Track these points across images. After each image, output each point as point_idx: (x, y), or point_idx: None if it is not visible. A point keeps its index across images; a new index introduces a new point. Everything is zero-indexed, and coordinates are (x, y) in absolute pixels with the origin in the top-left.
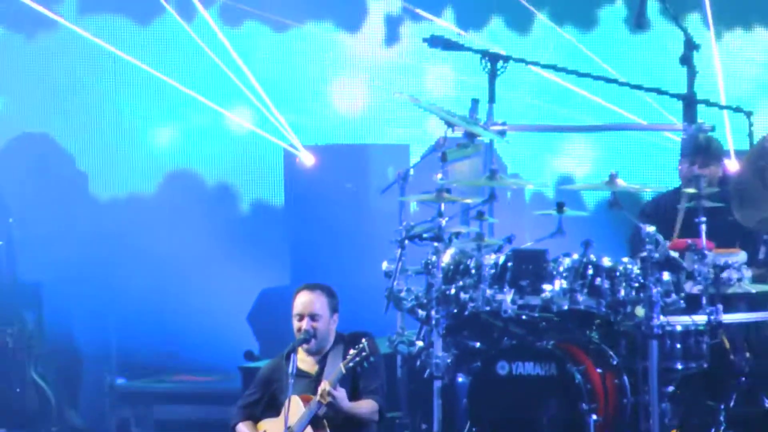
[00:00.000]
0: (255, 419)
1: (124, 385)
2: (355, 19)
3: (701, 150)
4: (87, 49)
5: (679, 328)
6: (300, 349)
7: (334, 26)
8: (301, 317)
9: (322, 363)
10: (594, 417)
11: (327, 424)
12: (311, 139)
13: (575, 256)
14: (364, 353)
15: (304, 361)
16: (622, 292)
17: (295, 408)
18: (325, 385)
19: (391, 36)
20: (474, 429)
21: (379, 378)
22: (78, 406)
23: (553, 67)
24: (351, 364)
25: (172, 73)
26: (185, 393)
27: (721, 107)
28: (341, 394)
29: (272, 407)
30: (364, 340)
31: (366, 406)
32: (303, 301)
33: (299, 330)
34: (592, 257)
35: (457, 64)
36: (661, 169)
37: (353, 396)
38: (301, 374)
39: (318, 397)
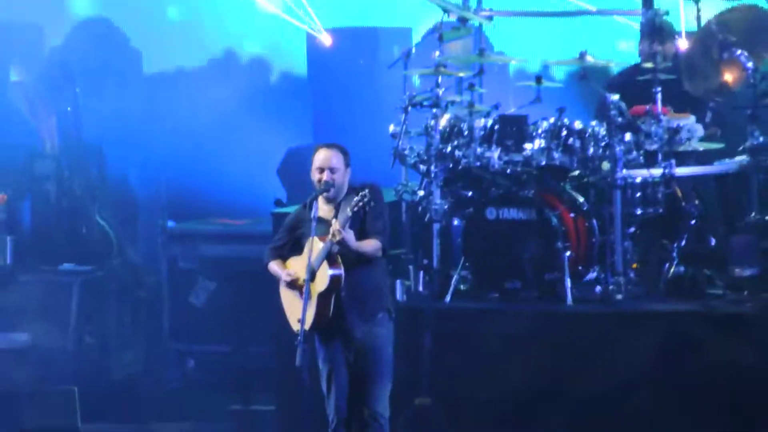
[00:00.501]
0: (283, 258)
1: (173, 227)
2: None
3: (657, 30)
4: None
5: (638, 179)
6: (320, 199)
7: None
8: (321, 170)
9: (337, 210)
10: (568, 253)
11: (340, 259)
12: (329, 22)
13: (551, 120)
14: (366, 199)
15: (323, 209)
16: (591, 150)
17: (316, 247)
18: (335, 225)
19: None
20: (467, 263)
21: (383, 220)
22: (135, 245)
23: None
24: (355, 209)
25: None
26: (225, 233)
27: None
28: (349, 234)
29: (297, 248)
30: (366, 189)
31: (371, 245)
32: (322, 156)
33: (319, 181)
34: (566, 121)
35: None
36: (622, 47)
37: (361, 236)
38: (320, 220)
39: (330, 237)
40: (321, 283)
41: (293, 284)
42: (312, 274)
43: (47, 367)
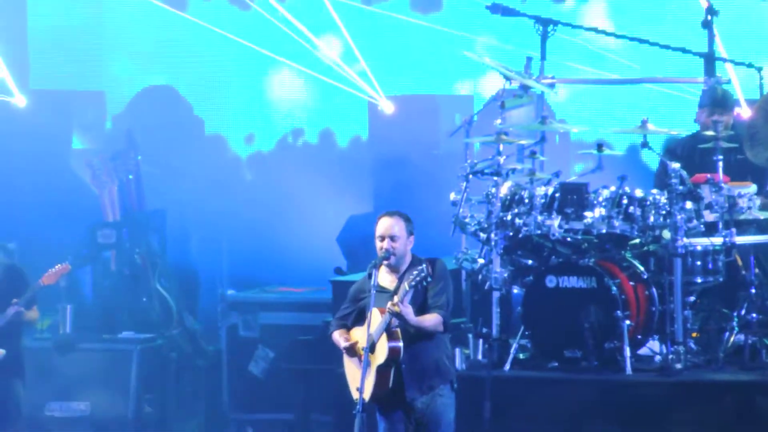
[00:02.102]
0: (347, 328)
1: (233, 295)
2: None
3: (718, 101)
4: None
5: (699, 248)
6: (382, 268)
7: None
8: (382, 238)
9: (399, 281)
10: (627, 322)
11: (400, 333)
12: (391, 90)
13: (612, 188)
14: (423, 274)
15: (385, 278)
16: (652, 219)
17: (376, 318)
18: (393, 300)
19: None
20: (527, 332)
21: (446, 294)
22: (195, 313)
23: (594, 30)
24: (413, 283)
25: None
26: (285, 302)
27: (736, 63)
28: (407, 309)
29: (360, 318)
30: (425, 263)
31: (431, 320)
32: (384, 224)
33: (381, 249)
34: (627, 189)
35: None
36: (683, 116)
37: (423, 310)
38: (382, 290)
39: (387, 310)
40: (380, 355)
41: (351, 350)
42: (371, 346)
43: None
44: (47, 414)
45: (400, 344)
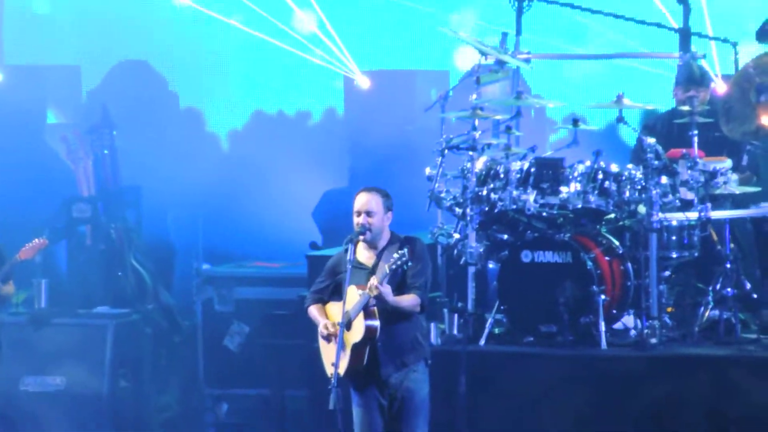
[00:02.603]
0: (323, 302)
1: (208, 270)
2: None
3: (694, 78)
4: None
5: (674, 223)
6: (360, 244)
7: None
8: (359, 213)
9: (378, 258)
10: (603, 297)
11: (377, 312)
12: (367, 65)
13: (588, 163)
14: (404, 258)
15: (363, 254)
16: (627, 194)
17: (353, 296)
18: (372, 281)
19: None
20: (502, 306)
21: (424, 276)
22: (170, 288)
23: (570, 5)
24: (393, 267)
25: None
26: (260, 276)
27: (711, 38)
28: (386, 289)
29: (337, 293)
30: (406, 247)
31: (409, 300)
32: (361, 200)
33: (357, 224)
34: (602, 164)
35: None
36: (659, 91)
37: (401, 289)
38: (359, 266)
39: (367, 290)
40: (356, 333)
41: (329, 337)
42: (348, 323)
43: (82, 410)
44: (22, 388)
45: (377, 323)
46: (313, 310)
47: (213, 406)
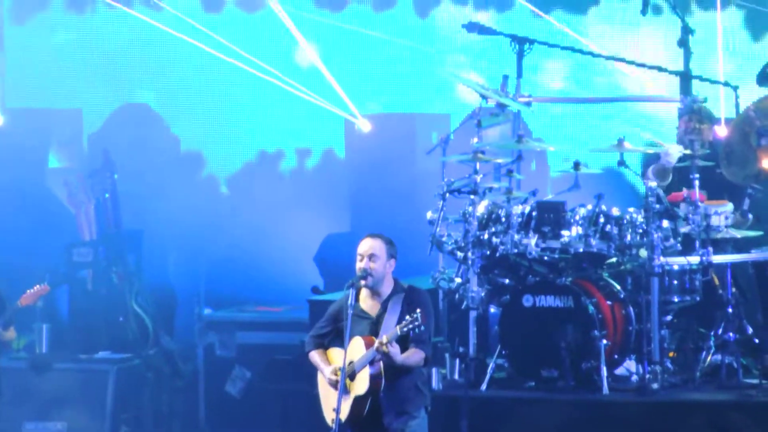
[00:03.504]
0: (324, 348)
1: (210, 314)
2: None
3: (695, 111)
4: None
5: (676, 267)
6: (363, 291)
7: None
8: (362, 258)
9: (382, 308)
10: (604, 341)
11: (382, 367)
12: (368, 109)
13: (589, 207)
14: (416, 323)
15: (366, 302)
16: (629, 237)
17: (357, 346)
18: (383, 339)
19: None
20: (504, 351)
21: (429, 331)
22: (172, 333)
23: (571, 49)
24: (405, 329)
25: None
26: (262, 321)
27: (712, 82)
28: (395, 350)
29: (339, 339)
30: (418, 310)
31: (415, 357)
32: (365, 244)
33: (359, 269)
34: (603, 208)
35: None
36: (661, 135)
37: (405, 341)
38: (363, 315)
39: (375, 347)
40: (360, 386)
41: (336, 383)
42: (351, 374)
43: None
44: None
45: (382, 378)
46: (315, 356)
47: None
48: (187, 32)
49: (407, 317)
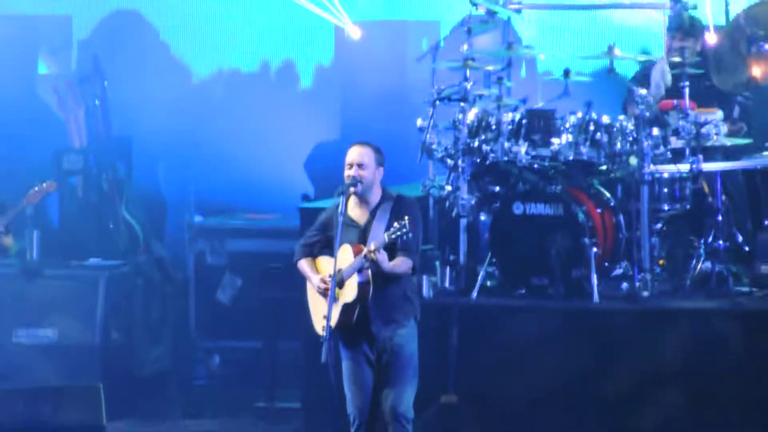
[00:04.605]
0: (313, 256)
1: (200, 222)
2: None
3: (685, 28)
4: None
5: (666, 175)
6: (352, 200)
7: None
8: (351, 166)
9: (371, 216)
10: (594, 249)
11: (370, 274)
12: (357, 15)
13: (579, 115)
14: (404, 230)
15: (355, 211)
16: (619, 145)
17: (346, 254)
18: (371, 247)
19: None
20: (494, 259)
21: (416, 240)
22: (162, 240)
23: None
24: (393, 236)
25: None
26: (252, 228)
27: None
28: (383, 257)
29: (328, 247)
30: (406, 217)
31: (402, 265)
32: (354, 152)
33: (348, 177)
34: (593, 115)
35: None
36: (650, 41)
37: (393, 250)
38: (351, 223)
39: (363, 254)
40: (349, 293)
41: (326, 292)
42: (340, 282)
43: (73, 362)
44: (14, 341)
45: (370, 285)
46: (304, 264)
47: (205, 358)
48: None
49: (395, 224)
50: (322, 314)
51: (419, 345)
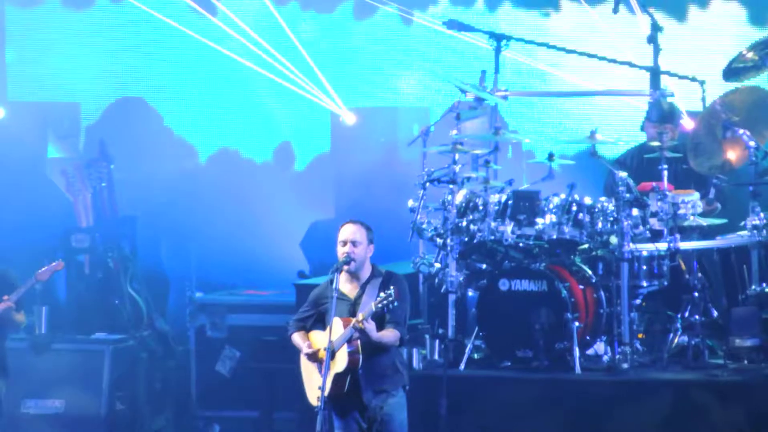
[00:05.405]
0: (306, 330)
1: (201, 297)
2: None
3: (664, 116)
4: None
5: (645, 253)
6: (343, 276)
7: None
8: (344, 243)
9: (361, 290)
10: (577, 324)
11: (359, 345)
12: (352, 102)
13: (562, 196)
14: (390, 298)
15: (345, 286)
16: (600, 225)
17: (337, 327)
18: (359, 317)
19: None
20: (481, 333)
21: (403, 313)
22: (165, 315)
23: (546, 45)
24: (380, 305)
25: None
26: (251, 304)
27: (680, 77)
28: (371, 326)
29: (320, 322)
30: (392, 287)
31: (390, 336)
32: (347, 230)
33: (342, 254)
34: (576, 197)
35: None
36: (631, 126)
37: (381, 322)
38: (342, 297)
39: (353, 324)
40: (339, 363)
41: (313, 357)
42: (331, 354)
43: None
44: (23, 411)
45: (360, 355)
46: (297, 337)
47: (205, 427)
48: (177, 19)
49: (381, 294)
50: (314, 385)
51: (411, 414)
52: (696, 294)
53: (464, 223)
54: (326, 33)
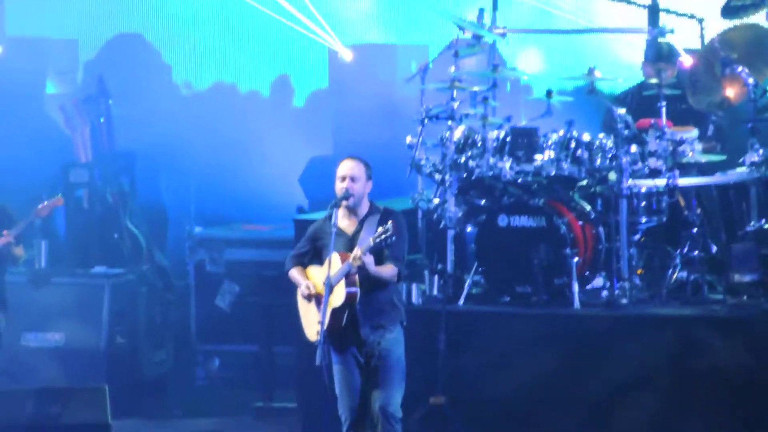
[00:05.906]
0: (303, 266)
1: (200, 232)
2: None
3: (662, 56)
4: None
5: (643, 189)
6: (341, 211)
7: None
8: (343, 179)
9: (359, 226)
10: (575, 259)
11: (357, 279)
12: (350, 39)
13: (561, 133)
14: (388, 233)
15: (344, 221)
16: (598, 161)
17: (335, 262)
18: (357, 252)
19: None
20: (480, 268)
21: (402, 249)
22: (164, 250)
23: None
24: (378, 240)
25: None
26: (250, 239)
27: (679, 14)
28: (369, 259)
29: (317, 258)
30: (390, 222)
31: (388, 271)
32: (345, 166)
33: (340, 189)
34: (575, 133)
35: None
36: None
37: (380, 258)
38: (340, 233)
39: (351, 259)
40: (337, 299)
41: (310, 296)
42: (330, 289)
43: (80, 365)
44: (23, 344)
45: (357, 290)
46: (294, 273)
47: (205, 361)
48: None
49: (380, 228)
50: (311, 320)
51: (409, 349)
52: (695, 230)
53: (463, 160)
54: None
